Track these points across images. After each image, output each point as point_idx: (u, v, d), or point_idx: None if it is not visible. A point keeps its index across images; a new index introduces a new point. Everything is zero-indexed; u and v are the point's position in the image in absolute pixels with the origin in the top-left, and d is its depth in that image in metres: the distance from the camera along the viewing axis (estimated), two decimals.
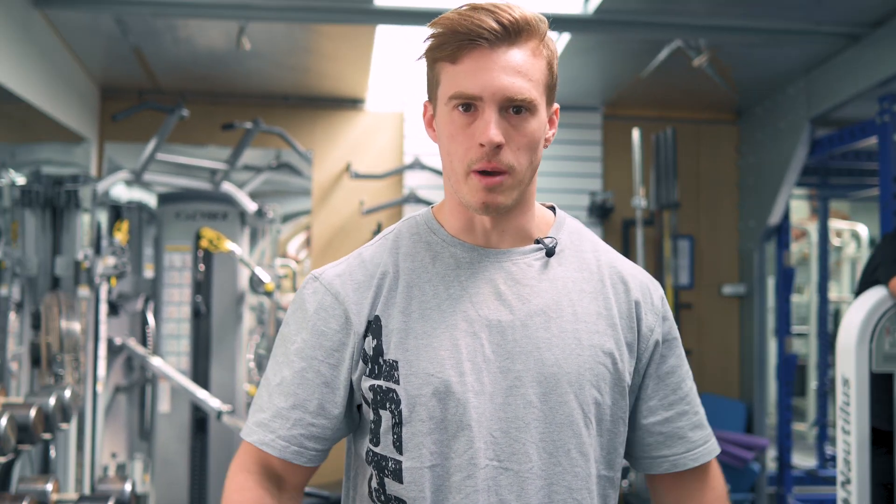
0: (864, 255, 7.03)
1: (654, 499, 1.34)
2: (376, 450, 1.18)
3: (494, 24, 1.10)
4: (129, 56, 4.20)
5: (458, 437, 1.13)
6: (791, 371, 4.79)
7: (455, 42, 1.11)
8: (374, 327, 1.18)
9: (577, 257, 1.24)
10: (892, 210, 3.65)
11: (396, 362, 1.15)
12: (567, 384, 1.15)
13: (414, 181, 4.86)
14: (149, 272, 4.53)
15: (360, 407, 1.21)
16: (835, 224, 7.04)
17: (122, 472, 4.41)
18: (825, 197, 5.71)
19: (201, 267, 4.34)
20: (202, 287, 4.35)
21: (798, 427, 6.44)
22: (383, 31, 3.88)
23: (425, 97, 1.23)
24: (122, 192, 4.81)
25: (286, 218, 5.21)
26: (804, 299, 7.03)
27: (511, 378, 1.15)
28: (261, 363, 4.72)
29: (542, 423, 1.15)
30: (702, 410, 1.29)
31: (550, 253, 1.22)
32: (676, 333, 1.28)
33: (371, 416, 1.18)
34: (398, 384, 1.15)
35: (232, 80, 4.65)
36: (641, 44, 4.01)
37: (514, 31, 1.12)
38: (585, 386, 1.16)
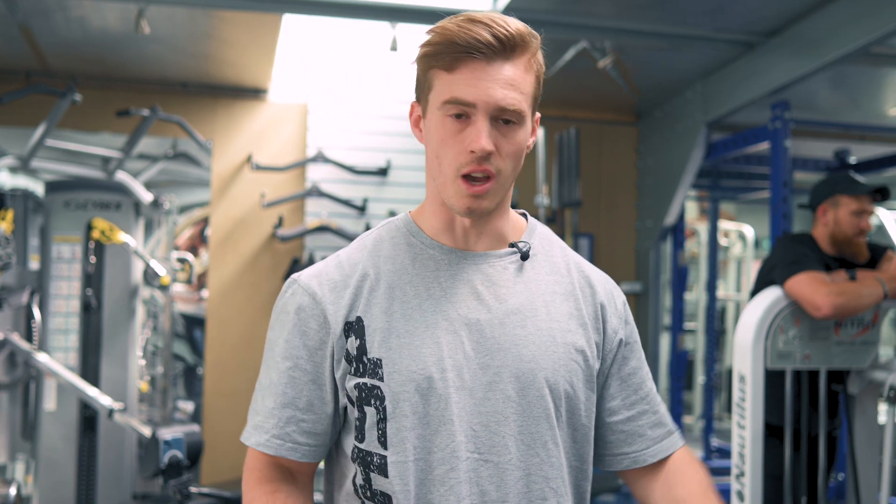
0: (750, 254, 7.35)
1: (637, 495, 1.38)
2: (361, 446, 1.22)
3: (491, 39, 1.15)
4: (15, 35, 3.96)
5: (441, 431, 1.19)
6: (683, 366, 4.95)
7: (452, 53, 1.16)
8: (356, 327, 1.22)
9: (548, 261, 1.32)
10: (782, 213, 3.81)
11: (380, 360, 1.20)
12: (543, 379, 1.22)
13: (317, 174, 4.77)
14: (35, 264, 4.29)
15: (344, 407, 1.25)
16: (723, 225, 7.32)
17: (3, 475, 4.17)
18: (716, 199, 5.92)
19: (92, 259, 4.14)
20: (93, 280, 4.15)
21: (686, 420, 6.68)
22: (289, 21, 3.78)
23: (413, 97, 1.28)
24: (5, 179, 4.54)
25: (183, 209, 5.03)
26: (693, 296, 7.29)
27: (490, 374, 1.21)
28: (152, 359, 4.54)
29: (519, 417, 1.21)
30: (662, 409, 1.38)
31: (525, 256, 1.29)
32: (637, 337, 1.38)
33: (356, 413, 1.23)
34: (382, 381, 1.20)
35: (128, 65, 4.45)
36: (548, 43, 3.99)
37: (510, 46, 1.17)
38: (560, 381, 1.23)
